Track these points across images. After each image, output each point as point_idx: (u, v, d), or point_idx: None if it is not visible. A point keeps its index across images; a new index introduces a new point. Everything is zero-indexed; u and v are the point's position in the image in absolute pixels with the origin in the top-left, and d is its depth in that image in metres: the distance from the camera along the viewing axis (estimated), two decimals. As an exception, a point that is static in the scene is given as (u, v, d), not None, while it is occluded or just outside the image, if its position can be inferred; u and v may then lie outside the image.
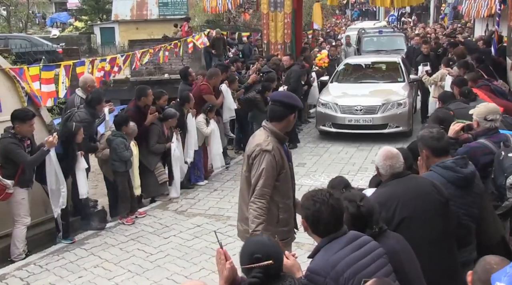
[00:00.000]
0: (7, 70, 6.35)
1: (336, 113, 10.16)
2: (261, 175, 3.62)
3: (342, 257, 2.59)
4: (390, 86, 10.80)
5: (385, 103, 9.95)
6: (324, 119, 10.42)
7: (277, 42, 13.02)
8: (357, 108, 9.97)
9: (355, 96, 10.49)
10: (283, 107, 3.72)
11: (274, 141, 3.70)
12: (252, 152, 3.70)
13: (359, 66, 12.15)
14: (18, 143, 5.56)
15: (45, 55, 16.00)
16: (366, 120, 9.95)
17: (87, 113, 6.43)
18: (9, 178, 5.53)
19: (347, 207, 2.83)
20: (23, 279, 5.20)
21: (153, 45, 12.83)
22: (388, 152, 3.44)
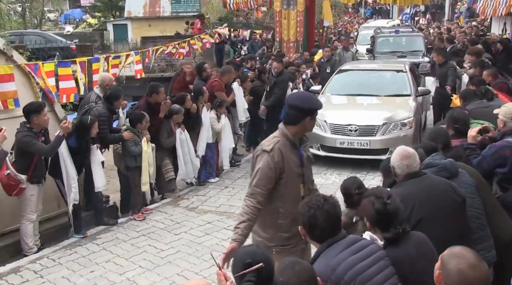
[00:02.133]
0: (22, 66, 6.43)
1: (325, 133, 8.38)
2: (256, 174, 3.52)
3: (342, 260, 2.61)
4: (394, 100, 9.03)
5: (386, 123, 8.21)
6: (312, 139, 8.63)
7: (289, 40, 13.05)
8: (351, 128, 8.22)
9: (350, 112, 8.77)
10: (296, 111, 3.57)
11: (282, 143, 3.56)
12: (255, 152, 3.65)
13: (357, 75, 10.21)
14: (34, 136, 5.63)
15: (59, 51, 16.16)
16: (361, 143, 8.19)
17: (105, 108, 6.50)
18: (22, 173, 5.60)
19: (373, 203, 2.84)
20: (36, 272, 5.27)
21: (166, 42, 12.89)
22: (405, 151, 3.44)
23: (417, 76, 10.40)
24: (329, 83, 9.87)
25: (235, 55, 16.81)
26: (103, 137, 6.46)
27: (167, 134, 7.23)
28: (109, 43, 25.71)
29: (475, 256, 2.21)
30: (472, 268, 2.14)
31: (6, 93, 6.14)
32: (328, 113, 8.37)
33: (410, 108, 8.57)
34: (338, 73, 10.07)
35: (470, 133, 4.40)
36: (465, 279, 2.13)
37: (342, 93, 9.52)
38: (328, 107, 8.47)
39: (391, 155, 3.57)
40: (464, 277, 2.13)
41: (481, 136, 4.41)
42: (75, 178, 5.94)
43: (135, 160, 6.62)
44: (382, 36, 17.12)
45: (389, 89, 9.35)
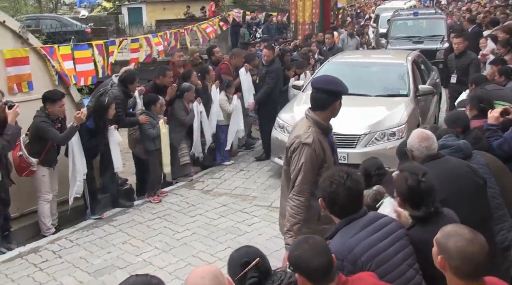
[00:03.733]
0: (38, 49, 6.45)
1: None
2: (300, 171, 3.41)
3: (360, 240, 2.57)
4: (385, 102, 7.31)
5: (370, 131, 6.59)
6: (279, 149, 6.75)
7: (305, 22, 12.90)
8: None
9: None
10: (326, 95, 3.45)
11: (316, 132, 3.47)
12: (291, 145, 3.49)
13: (348, 69, 8.17)
14: (50, 123, 5.68)
15: (75, 35, 16.19)
16: (338, 157, 7.21)
17: (120, 91, 6.52)
18: (34, 156, 5.66)
19: (407, 179, 2.77)
20: (55, 252, 5.35)
21: (180, 25, 12.83)
22: (423, 133, 3.39)
23: (427, 68, 9.04)
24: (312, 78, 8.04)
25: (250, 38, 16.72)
26: (118, 120, 6.48)
27: (184, 112, 7.25)
28: (124, 26, 25.73)
29: (469, 231, 2.19)
30: (470, 242, 2.13)
31: (21, 76, 6.17)
32: (298, 117, 7.30)
33: (403, 112, 6.82)
34: (326, 66, 8.33)
35: (493, 113, 4.33)
36: (466, 255, 2.12)
37: None
38: (300, 109, 6.84)
39: (408, 138, 3.51)
40: (465, 253, 2.12)
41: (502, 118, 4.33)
42: (81, 172, 5.95)
43: (154, 143, 6.64)
44: (399, 19, 15.47)
45: (382, 87, 7.63)
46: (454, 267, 2.16)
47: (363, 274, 2.44)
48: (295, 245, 2.39)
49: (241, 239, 5.52)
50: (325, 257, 2.31)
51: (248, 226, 5.77)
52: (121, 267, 5.05)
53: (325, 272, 2.29)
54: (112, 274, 4.91)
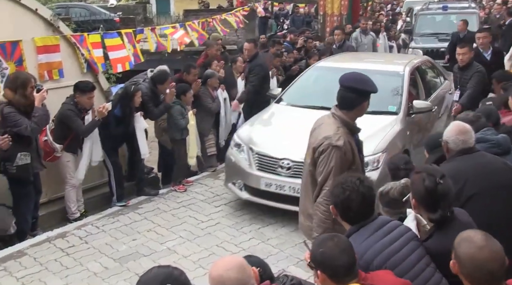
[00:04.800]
0: (68, 37, 6.52)
1: (250, 167, 5.75)
2: (330, 174, 3.29)
3: (371, 245, 2.55)
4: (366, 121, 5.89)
5: None
6: (233, 173, 6.02)
7: (333, 13, 12.71)
8: (283, 163, 5.48)
9: (288, 139, 5.73)
10: (355, 94, 3.34)
11: (345, 133, 3.37)
12: (319, 145, 3.37)
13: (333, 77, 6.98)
14: (77, 112, 5.75)
15: (103, 23, 16.36)
16: (295, 189, 5.22)
17: (148, 88, 6.55)
18: (59, 142, 5.74)
19: (424, 180, 2.69)
20: (81, 238, 5.43)
21: (208, 15, 12.82)
22: (461, 126, 3.32)
23: (439, 77, 7.87)
24: (291, 86, 7.08)
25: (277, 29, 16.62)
26: (148, 113, 6.52)
27: (210, 99, 7.26)
28: (151, 16, 25.85)
29: (482, 236, 2.13)
30: (480, 249, 2.08)
31: (51, 63, 6.25)
32: (257, 136, 5.94)
33: (383, 137, 5.55)
34: (309, 72, 7.26)
35: None
36: (476, 262, 2.06)
37: (301, 103, 6.51)
38: (262, 127, 6.21)
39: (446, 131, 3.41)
40: (475, 260, 2.07)
41: None
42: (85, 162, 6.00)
43: (181, 133, 6.66)
44: (426, 13, 14.20)
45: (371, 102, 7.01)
46: (466, 274, 2.12)
47: (380, 271, 2.44)
48: (319, 243, 2.38)
49: (265, 230, 5.51)
50: (350, 255, 2.30)
51: (272, 218, 5.75)
52: (146, 254, 5.09)
53: (349, 269, 2.28)
54: (137, 261, 4.96)
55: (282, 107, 6.67)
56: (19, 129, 4.98)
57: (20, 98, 5.06)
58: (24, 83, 5.09)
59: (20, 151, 5.05)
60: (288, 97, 6.82)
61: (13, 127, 4.97)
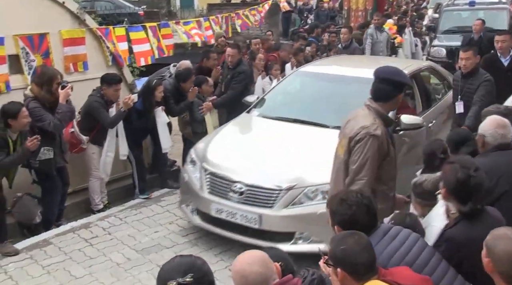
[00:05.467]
0: (94, 30, 6.58)
1: (201, 189, 5.00)
2: (365, 165, 3.29)
3: (382, 250, 2.54)
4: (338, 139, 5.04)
5: (295, 186, 4.60)
6: (186, 194, 5.33)
7: (358, 8, 12.58)
8: (235, 187, 4.74)
9: (244, 158, 5.08)
10: (391, 86, 3.35)
11: (381, 124, 3.37)
12: (356, 135, 3.35)
13: (315, 85, 6.21)
14: (103, 104, 5.80)
15: (128, 17, 16.48)
16: (248, 218, 4.66)
17: (171, 85, 6.58)
18: (85, 134, 5.81)
19: (457, 171, 2.67)
20: (105, 229, 5.50)
21: (232, 9, 12.81)
22: (500, 120, 3.28)
23: (442, 86, 7.01)
24: (266, 95, 6.32)
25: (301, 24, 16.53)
26: (169, 109, 6.56)
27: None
28: (175, 10, 25.96)
29: None
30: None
31: (77, 56, 6.33)
32: (212, 153, 5.20)
33: None
34: (290, 78, 6.53)
35: None
36: None
37: (275, 114, 5.78)
38: (220, 143, 5.41)
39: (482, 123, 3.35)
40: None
41: None
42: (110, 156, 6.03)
43: (202, 125, 6.69)
44: (451, 9, 13.43)
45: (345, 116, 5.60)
46: (502, 271, 2.09)
47: (399, 267, 2.43)
48: (339, 240, 2.37)
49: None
50: (370, 252, 2.31)
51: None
52: (167, 246, 5.13)
53: (369, 267, 2.28)
54: (159, 253, 5.00)
55: (251, 119, 5.91)
56: (42, 124, 5.06)
57: (45, 93, 5.14)
58: (50, 79, 5.16)
59: (44, 146, 5.11)
60: (261, 106, 6.06)
61: (37, 122, 5.05)
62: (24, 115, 4.80)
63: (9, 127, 4.78)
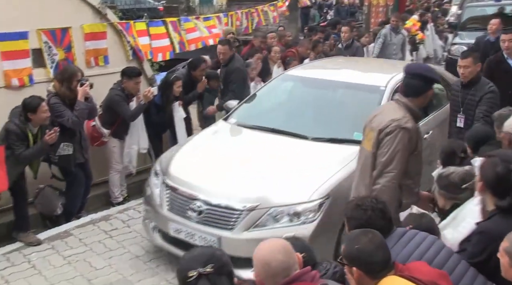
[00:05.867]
0: (115, 24, 6.64)
1: (161, 206, 4.53)
2: (395, 157, 3.30)
3: (398, 252, 2.54)
4: (316, 153, 4.66)
5: (258, 206, 4.06)
6: (148, 209, 4.81)
7: (378, 4, 12.47)
8: (195, 205, 4.24)
9: (214, 173, 4.53)
10: (423, 82, 3.39)
11: (412, 119, 3.40)
12: (386, 127, 3.36)
13: (299, 90, 5.80)
14: (124, 97, 5.86)
15: (147, 12, 16.60)
16: (206, 240, 4.17)
17: (183, 74, 6.62)
18: (106, 127, 5.89)
19: (496, 165, 2.65)
20: (124, 222, 5.57)
21: (251, 4, 12.78)
22: None
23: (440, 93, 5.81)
24: (246, 101, 5.79)
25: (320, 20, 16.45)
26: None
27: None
28: (194, 5, 26.01)
29: None
30: None
31: (98, 50, 6.40)
32: (176, 165, 4.70)
33: (330, 177, 4.22)
34: (274, 82, 6.02)
35: None
36: None
37: (253, 122, 5.27)
38: (186, 154, 4.94)
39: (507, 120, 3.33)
40: None
41: None
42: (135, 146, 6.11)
43: (215, 119, 6.72)
44: (475, 5, 12.67)
45: (329, 125, 5.06)
46: None
47: (416, 263, 2.43)
48: (352, 239, 2.37)
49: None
50: (385, 250, 2.31)
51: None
52: (186, 240, 5.16)
53: (385, 265, 2.28)
54: (177, 246, 5.04)
55: (225, 127, 5.39)
56: (62, 120, 5.14)
57: (65, 90, 5.23)
58: (71, 77, 5.25)
59: (63, 141, 5.20)
60: (240, 113, 5.54)
61: (57, 117, 5.14)
62: (44, 110, 4.87)
63: (29, 121, 4.87)
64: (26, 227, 5.13)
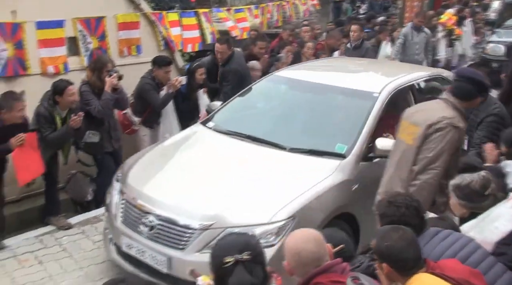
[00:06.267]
0: (148, 14, 6.72)
1: (115, 217, 4.09)
2: (441, 155, 3.26)
3: (431, 250, 2.50)
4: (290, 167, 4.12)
5: (214, 225, 3.57)
6: (107, 221, 4.36)
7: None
8: (147, 219, 3.80)
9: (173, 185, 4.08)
10: (475, 86, 3.37)
11: (462, 119, 3.37)
12: (436, 122, 3.32)
13: (285, 94, 5.29)
14: (154, 86, 5.92)
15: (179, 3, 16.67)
16: (156, 259, 3.73)
17: (208, 62, 6.64)
18: (137, 116, 5.97)
19: None
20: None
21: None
22: None
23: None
24: (228, 103, 5.24)
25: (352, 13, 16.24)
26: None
27: None
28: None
29: None
30: None
31: (131, 39, 6.50)
32: (135, 174, 4.26)
33: (300, 193, 3.72)
34: (260, 83, 5.43)
35: None
36: None
37: (232, 128, 4.74)
38: (149, 161, 4.48)
39: None
40: None
41: None
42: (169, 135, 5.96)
43: None
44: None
45: (310, 135, 4.58)
46: None
47: (448, 260, 2.40)
48: (382, 235, 2.35)
49: None
50: (417, 248, 2.28)
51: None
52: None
53: (416, 262, 2.26)
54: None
55: (200, 132, 4.89)
56: (89, 108, 5.24)
57: (95, 79, 5.33)
58: (101, 67, 5.34)
59: (90, 129, 5.31)
60: (220, 116, 5.03)
61: (85, 105, 5.25)
62: (70, 93, 4.98)
63: (57, 103, 5.00)
64: (57, 211, 5.25)
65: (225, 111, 5.11)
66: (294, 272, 2.20)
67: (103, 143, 5.49)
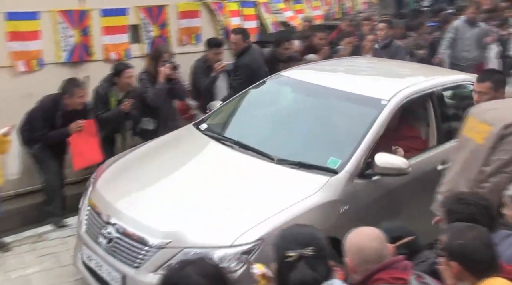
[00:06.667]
0: (208, 3, 6.75)
1: (80, 225, 3.81)
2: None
3: (503, 251, 2.36)
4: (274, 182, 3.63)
5: (171, 244, 3.16)
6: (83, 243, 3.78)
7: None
8: (106, 230, 3.47)
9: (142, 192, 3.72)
10: None
11: None
12: (508, 127, 3.07)
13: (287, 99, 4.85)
14: (205, 69, 5.92)
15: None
16: (111, 275, 3.39)
17: (268, 52, 6.58)
18: (195, 100, 6.05)
19: None
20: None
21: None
22: None
23: None
24: (229, 103, 4.84)
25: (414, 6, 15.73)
26: None
27: None
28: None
29: None
30: None
31: (191, 28, 6.57)
32: (107, 179, 3.95)
33: (274, 213, 3.25)
34: (268, 83, 4.90)
35: None
36: None
37: (220, 131, 4.41)
38: (122, 165, 4.11)
39: None
40: None
41: None
42: None
43: None
44: None
45: (303, 147, 4.06)
46: None
47: None
48: (456, 233, 2.23)
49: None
50: (493, 250, 2.17)
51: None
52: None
53: (491, 264, 2.14)
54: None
55: (187, 135, 4.52)
56: (144, 96, 5.36)
57: (152, 68, 5.42)
58: (158, 56, 5.44)
59: (144, 116, 5.44)
60: (214, 118, 4.66)
61: (142, 93, 5.37)
62: (127, 76, 5.18)
63: (115, 84, 5.19)
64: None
65: (222, 113, 4.72)
66: (356, 270, 2.16)
67: (159, 130, 5.57)
